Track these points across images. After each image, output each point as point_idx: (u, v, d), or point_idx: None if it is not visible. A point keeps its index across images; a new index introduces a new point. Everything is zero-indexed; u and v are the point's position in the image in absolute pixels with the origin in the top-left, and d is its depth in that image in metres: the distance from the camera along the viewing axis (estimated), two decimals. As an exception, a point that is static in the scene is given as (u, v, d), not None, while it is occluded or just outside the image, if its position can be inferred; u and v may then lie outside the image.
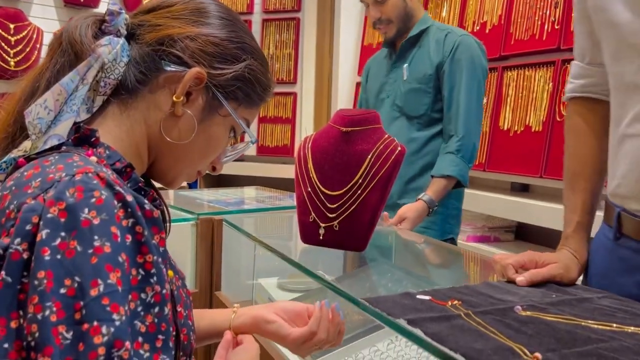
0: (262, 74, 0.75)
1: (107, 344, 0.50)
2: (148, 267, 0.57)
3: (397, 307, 0.80)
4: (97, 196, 0.55)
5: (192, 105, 0.70)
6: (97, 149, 0.65)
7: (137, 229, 0.57)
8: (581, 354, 0.65)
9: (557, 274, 0.93)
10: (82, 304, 0.51)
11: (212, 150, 0.75)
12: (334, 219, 1.15)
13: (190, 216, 1.50)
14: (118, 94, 0.68)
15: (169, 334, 0.58)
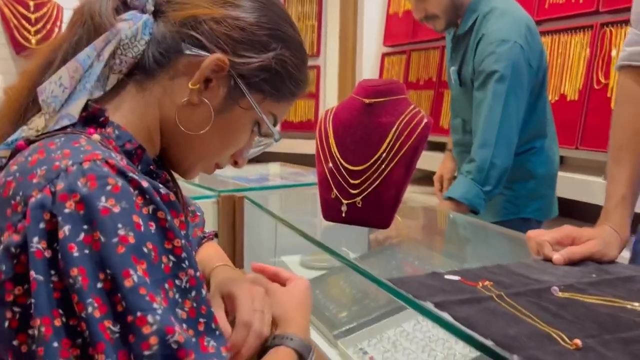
0: (295, 67, 0.68)
1: (158, 332, 0.49)
2: (178, 252, 0.54)
3: (423, 288, 0.75)
4: (112, 184, 0.52)
5: (211, 94, 0.65)
6: (106, 128, 0.61)
7: (159, 214, 0.54)
8: (625, 340, 0.60)
9: (597, 251, 0.87)
10: (120, 296, 0.49)
11: (230, 143, 0.70)
12: (357, 195, 1.10)
13: (212, 193, 1.47)
14: (134, 74, 0.64)
15: (211, 316, 0.56)
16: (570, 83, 1.90)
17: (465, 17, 1.60)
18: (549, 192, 1.67)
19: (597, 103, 1.80)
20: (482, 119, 1.52)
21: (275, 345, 0.68)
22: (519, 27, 1.51)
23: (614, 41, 1.76)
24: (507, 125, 1.50)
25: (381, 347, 0.96)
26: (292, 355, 0.67)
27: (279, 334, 0.69)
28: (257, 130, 0.71)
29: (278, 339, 0.69)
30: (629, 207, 0.95)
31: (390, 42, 3.06)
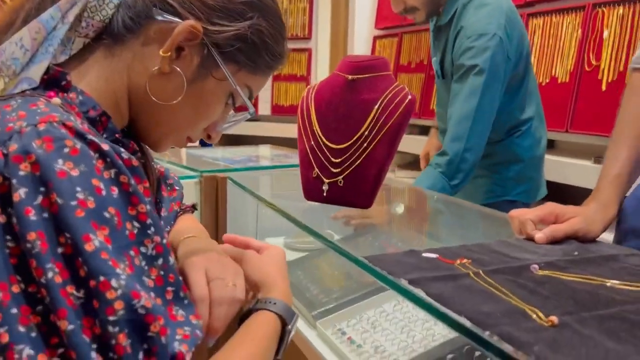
0: (272, 38, 0.65)
1: (123, 297, 0.46)
2: (143, 218, 0.51)
3: (399, 266, 0.73)
4: (70, 146, 0.49)
5: (183, 62, 0.62)
6: (69, 93, 0.58)
7: (121, 179, 0.51)
8: (603, 317, 0.58)
9: (580, 229, 0.85)
10: (81, 260, 0.46)
11: (203, 116, 0.67)
12: (339, 174, 1.08)
13: (194, 174, 1.44)
14: (102, 39, 0.61)
15: (179, 284, 0.53)
16: (561, 65, 1.87)
17: (446, 7, 1.57)
18: (536, 175, 1.65)
19: (588, 85, 1.78)
20: (456, 111, 1.50)
21: (257, 309, 0.66)
22: (498, 18, 1.47)
23: (606, 22, 1.73)
24: (481, 119, 1.48)
25: (360, 327, 0.95)
26: (274, 320, 0.65)
27: (261, 298, 0.67)
28: (231, 103, 0.68)
29: (260, 303, 0.66)
30: (620, 187, 0.94)
31: (382, 25, 3.02)
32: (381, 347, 0.88)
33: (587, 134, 1.77)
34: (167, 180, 0.89)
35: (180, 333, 0.52)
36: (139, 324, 0.47)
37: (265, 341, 0.63)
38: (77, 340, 0.45)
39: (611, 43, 1.70)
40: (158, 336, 0.48)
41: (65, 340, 0.45)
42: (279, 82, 3.44)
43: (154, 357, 0.48)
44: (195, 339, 0.53)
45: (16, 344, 0.45)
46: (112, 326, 0.46)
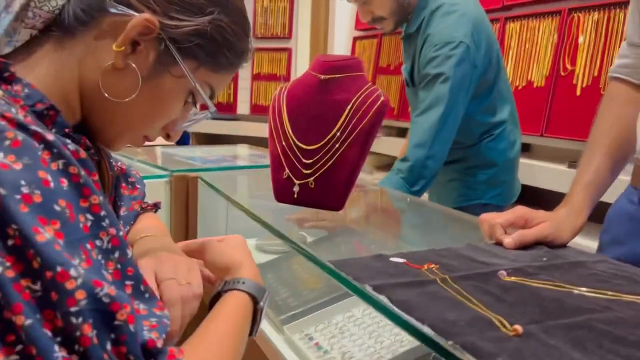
0: (234, 34, 0.63)
1: (84, 285, 0.44)
2: (96, 210, 0.49)
3: (366, 271, 0.71)
4: (10, 137, 0.46)
5: (138, 58, 0.59)
6: (13, 86, 0.55)
7: (70, 170, 0.48)
8: (570, 325, 0.57)
9: (549, 234, 0.84)
10: (33, 251, 0.43)
11: (159, 114, 0.64)
12: (310, 176, 1.05)
13: (164, 173, 1.41)
14: (51, 31, 0.58)
15: (139, 278, 0.51)
16: (537, 69, 1.88)
17: (414, 15, 1.56)
18: (509, 178, 1.66)
19: (563, 90, 1.79)
20: (421, 119, 1.49)
21: (226, 290, 0.64)
22: (465, 26, 1.46)
23: (581, 27, 1.74)
24: (445, 127, 1.48)
25: (328, 332, 0.93)
26: (244, 298, 0.63)
27: (229, 280, 0.65)
28: (191, 101, 0.66)
29: (228, 284, 0.65)
30: (591, 194, 0.93)
31: (362, 26, 3.01)
32: (348, 353, 0.86)
33: (561, 139, 1.78)
34: (129, 179, 0.85)
35: (146, 325, 0.50)
36: (104, 314, 0.45)
37: (237, 320, 0.61)
38: (37, 334, 0.42)
39: (586, 48, 1.71)
40: (126, 324, 0.46)
41: (24, 336, 0.42)
42: (259, 82, 3.41)
43: (122, 346, 0.46)
44: (164, 327, 0.51)
45: None
46: (74, 317, 0.43)
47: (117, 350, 0.46)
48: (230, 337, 0.59)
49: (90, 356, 0.44)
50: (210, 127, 3.44)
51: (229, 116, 3.48)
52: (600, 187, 0.93)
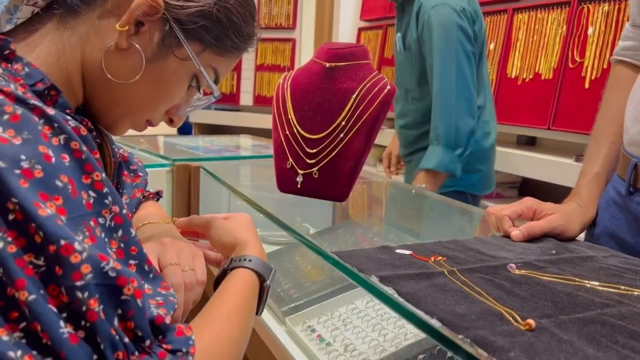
0: (240, 17, 0.61)
1: (89, 259, 0.42)
2: (98, 187, 0.47)
3: (371, 262, 0.69)
4: (9, 112, 0.44)
5: (142, 39, 0.58)
6: (13, 64, 0.53)
7: (72, 145, 0.46)
8: (582, 320, 0.55)
9: (558, 226, 0.82)
10: (35, 225, 0.41)
11: (163, 97, 0.62)
12: (314, 166, 1.03)
13: (166, 162, 1.39)
14: (53, 9, 0.57)
15: (143, 257, 0.50)
16: (545, 61, 1.85)
17: None
18: (484, 167, 1.67)
19: (571, 82, 1.76)
20: (436, 85, 1.52)
21: (232, 268, 0.63)
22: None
23: (590, 19, 1.71)
24: (463, 87, 1.51)
25: (331, 324, 0.91)
26: (251, 276, 0.62)
27: (234, 257, 0.64)
28: (195, 85, 0.64)
29: (234, 262, 0.63)
30: (600, 186, 0.91)
31: (367, 17, 2.98)
32: (351, 346, 0.84)
33: (569, 132, 1.76)
34: (130, 166, 0.84)
35: (152, 303, 0.49)
36: (110, 288, 0.43)
37: (244, 297, 0.60)
38: (41, 310, 0.41)
39: (595, 40, 1.68)
40: (133, 299, 0.44)
41: (28, 313, 0.41)
42: (262, 72, 3.38)
43: (130, 321, 0.44)
44: (172, 304, 0.50)
45: None
46: (80, 292, 0.42)
47: (124, 325, 0.44)
48: (237, 315, 0.58)
49: (97, 331, 0.42)
50: (212, 118, 3.42)
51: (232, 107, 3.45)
52: (608, 178, 0.91)
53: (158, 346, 0.47)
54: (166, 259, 0.62)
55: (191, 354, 0.48)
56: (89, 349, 0.42)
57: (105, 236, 0.47)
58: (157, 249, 0.63)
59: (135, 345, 0.45)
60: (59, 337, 0.41)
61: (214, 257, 0.73)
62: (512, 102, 1.96)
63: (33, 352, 0.41)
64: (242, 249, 0.66)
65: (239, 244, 0.66)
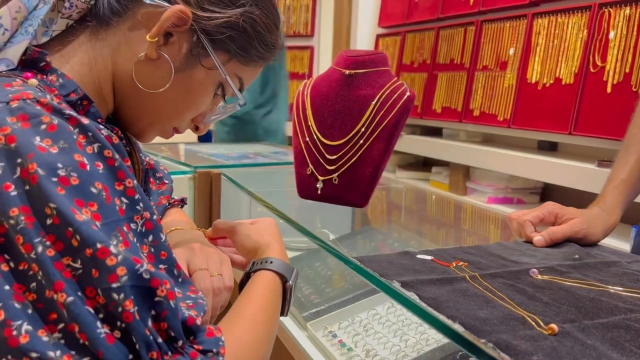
0: (265, 27, 0.63)
1: (125, 262, 0.44)
2: (130, 193, 0.49)
3: (392, 267, 0.70)
4: (46, 122, 0.46)
5: (171, 49, 0.59)
6: (48, 75, 0.56)
7: (105, 153, 0.48)
8: (606, 325, 0.55)
9: (580, 230, 0.82)
10: (72, 229, 0.43)
11: (190, 106, 0.64)
12: (333, 172, 1.04)
13: (188, 169, 1.41)
14: (86, 21, 0.59)
15: (172, 262, 0.51)
16: (566, 66, 1.83)
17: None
18: None
19: (593, 87, 1.74)
20: None
21: (255, 270, 0.64)
22: None
23: (612, 23, 1.69)
24: None
25: (352, 330, 0.91)
26: (273, 278, 0.64)
27: (257, 260, 0.66)
28: (220, 94, 0.66)
29: (257, 265, 0.65)
30: (625, 193, 0.90)
31: (385, 24, 2.99)
32: (372, 351, 0.85)
33: (591, 137, 1.73)
34: (156, 174, 0.86)
35: (183, 306, 0.50)
36: (144, 290, 0.45)
37: (267, 298, 0.62)
38: (79, 311, 0.43)
39: (617, 44, 1.66)
40: (166, 300, 0.46)
41: (65, 314, 0.43)
42: (280, 80, 3.40)
43: (163, 322, 0.46)
44: (202, 306, 0.51)
45: (13, 320, 0.42)
46: (116, 293, 0.43)
47: (157, 326, 0.46)
48: (263, 315, 0.59)
49: (132, 332, 0.44)
50: (232, 125, 3.45)
51: (251, 114, 3.48)
52: (635, 186, 0.90)
53: (189, 346, 0.48)
54: (195, 264, 0.63)
55: (221, 354, 0.49)
56: (124, 348, 0.43)
57: (137, 241, 0.48)
58: (187, 254, 0.64)
59: (169, 345, 0.46)
60: (96, 337, 0.42)
61: (240, 260, 0.74)
62: (532, 107, 1.95)
63: (71, 352, 0.42)
64: (263, 252, 0.67)
65: (261, 247, 0.68)
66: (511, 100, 2.02)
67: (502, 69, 2.08)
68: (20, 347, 0.41)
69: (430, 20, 2.55)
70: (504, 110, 2.05)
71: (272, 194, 1.41)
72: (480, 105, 2.15)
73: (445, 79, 2.40)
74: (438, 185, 2.18)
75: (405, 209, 1.42)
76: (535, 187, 2.13)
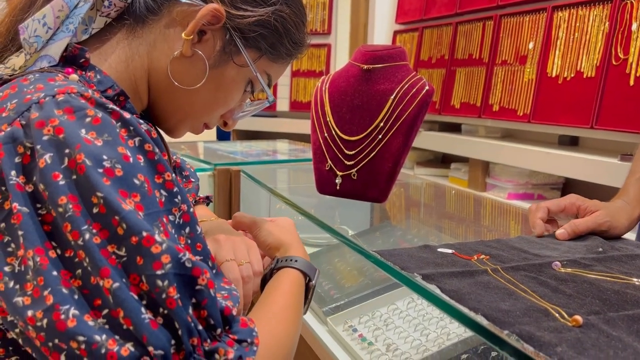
0: (294, 25, 0.64)
1: (169, 250, 0.45)
2: (169, 186, 0.50)
3: (413, 261, 0.70)
4: (91, 115, 0.48)
5: (205, 46, 0.61)
6: (87, 72, 0.57)
7: (146, 147, 0.50)
8: (632, 317, 0.54)
9: (603, 222, 0.80)
10: (119, 218, 0.44)
11: (221, 102, 0.65)
12: (352, 167, 1.04)
13: (207, 166, 1.42)
14: (124, 19, 0.60)
15: (207, 254, 0.52)
16: (587, 59, 1.80)
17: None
18: None
19: (615, 80, 1.71)
20: None
21: (279, 267, 0.65)
22: None
23: (634, 14, 1.66)
24: None
25: (372, 324, 0.91)
26: (298, 275, 0.64)
27: (281, 258, 0.66)
28: (249, 90, 0.67)
29: (281, 262, 0.66)
30: None
31: (403, 20, 2.97)
32: (393, 345, 0.85)
33: (613, 131, 1.71)
34: (183, 172, 0.87)
35: (219, 296, 0.51)
36: (187, 278, 0.46)
37: (293, 295, 0.62)
38: (125, 296, 0.44)
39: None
40: (207, 289, 0.47)
41: (111, 299, 0.44)
42: (298, 78, 3.41)
43: (204, 310, 0.47)
44: (236, 297, 0.53)
45: (61, 304, 0.43)
46: (160, 280, 0.44)
47: (198, 313, 0.47)
48: (290, 311, 0.60)
49: (175, 318, 0.45)
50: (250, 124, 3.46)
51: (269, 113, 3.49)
52: None
53: (226, 336, 0.49)
54: (222, 256, 0.64)
55: (255, 344, 0.50)
56: (167, 334, 0.44)
57: (175, 232, 0.50)
58: (213, 246, 0.65)
59: (208, 333, 0.47)
60: (140, 322, 0.43)
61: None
62: (553, 102, 1.92)
63: (116, 337, 0.43)
64: (286, 250, 0.68)
65: (283, 245, 0.68)
66: (531, 94, 2.00)
67: (522, 63, 2.05)
68: (68, 331, 0.43)
69: (448, 16, 2.54)
70: (524, 105, 2.02)
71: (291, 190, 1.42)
72: (499, 100, 2.13)
73: (464, 74, 2.38)
74: (457, 181, 2.17)
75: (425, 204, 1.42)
76: (557, 182, 2.10)
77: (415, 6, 2.82)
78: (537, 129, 2.01)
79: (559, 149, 1.95)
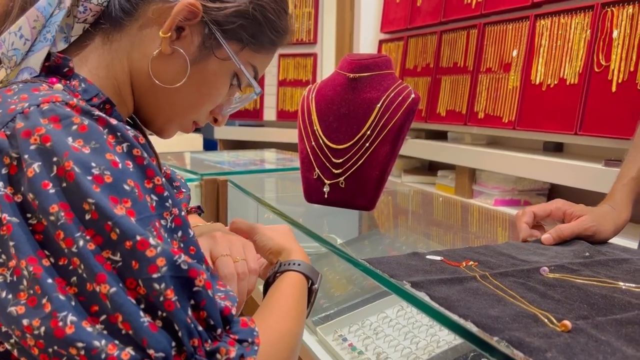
0: (274, 13, 0.63)
1: (164, 253, 0.45)
2: (159, 191, 0.50)
3: (402, 268, 0.70)
4: (77, 123, 0.48)
5: (184, 43, 0.60)
6: (71, 81, 0.57)
7: (134, 152, 0.49)
8: (619, 321, 0.54)
9: (589, 227, 0.81)
10: (111, 223, 0.44)
11: (207, 98, 0.65)
12: (340, 175, 1.04)
13: (194, 177, 1.42)
14: (100, 24, 0.60)
15: (200, 257, 0.52)
16: (570, 66, 1.83)
17: None
18: None
19: (597, 86, 1.73)
20: None
21: (282, 271, 0.64)
22: None
23: (615, 22, 1.69)
24: None
25: (362, 333, 0.91)
26: (301, 279, 0.64)
27: (283, 261, 0.66)
28: (236, 84, 0.66)
29: (284, 266, 0.65)
30: (635, 190, 0.90)
31: (388, 29, 3.00)
32: (383, 354, 0.84)
33: (597, 136, 1.73)
34: (174, 183, 0.87)
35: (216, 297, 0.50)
36: (184, 280, 0.45)
37: (297, 297, 0.62)
38: (122, 301, 0.43)
39: (621, 43, 1.66)
40: (205, 290, 0.46)
41: (109, 305, 0.43)
42: (284, 87, 3.41)
43: (202, 311, 0.47)
44: (234, 298, 0.52)
45: (59, 311, 0.43)
46: (157, 283, 0.44)
47: (197, 315, 0.46)
48: (293, 312, 0.59)
49: (174, 320, 0.44)
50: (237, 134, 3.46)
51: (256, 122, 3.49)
52: None
53: (226, 335, 0.49)
54: (217, 251, 0.63)
55: (256, 343, 0.50)
56: (168, 336, 0.44)
57: (168, 237, 0.49)
58: (209, 243, 0.65)
59: (208, 333, 0.47)
60: (140, 325, 0.43)
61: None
62: (537, 108, 1.94)
63: (115, 341, 0.43)
64: (288, 255, 0.67)
65: (285, 250, 0.68)
66: (516, 101, 2.02)
67: (506, 71, 2.08)
68: (66, 338, 0.42)
69: (433, 25, 2.56)
70: (509, 112, 2.04)
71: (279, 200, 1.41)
72: (484, 107, 2.15)
73: (449, 82, 2.40)
74: (444, 188, 2.18)
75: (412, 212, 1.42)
76: (542, 188, 2.12)
77: (400, 15, 2.85)
78: (522, 135, 2.03)
79: (544, 155, 1.97)
